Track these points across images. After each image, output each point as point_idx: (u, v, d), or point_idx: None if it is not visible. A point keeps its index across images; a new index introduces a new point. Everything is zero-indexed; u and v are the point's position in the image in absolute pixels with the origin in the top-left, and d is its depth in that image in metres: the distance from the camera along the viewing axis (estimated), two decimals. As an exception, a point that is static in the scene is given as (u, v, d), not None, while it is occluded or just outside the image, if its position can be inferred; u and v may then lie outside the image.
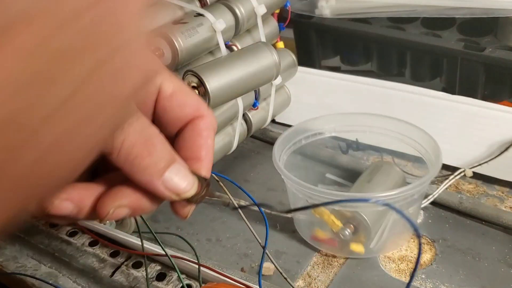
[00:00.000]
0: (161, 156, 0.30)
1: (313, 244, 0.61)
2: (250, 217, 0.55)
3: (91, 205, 0.30)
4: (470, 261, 0.59)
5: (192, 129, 0.32)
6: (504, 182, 0.68)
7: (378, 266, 0.59)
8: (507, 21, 0.77)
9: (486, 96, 0.76)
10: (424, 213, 0.65)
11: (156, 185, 0.29)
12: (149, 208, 0.31)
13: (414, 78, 0.83)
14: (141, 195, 0.30)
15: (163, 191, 0.30)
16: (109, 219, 0.30)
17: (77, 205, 0.30)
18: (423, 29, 0.83)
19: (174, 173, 0.30)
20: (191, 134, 0.32)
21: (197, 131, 0.32)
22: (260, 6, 0.67)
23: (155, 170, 0.29)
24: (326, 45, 0.90)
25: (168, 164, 0.30)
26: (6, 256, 0.60)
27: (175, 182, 0.30)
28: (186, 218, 0.32)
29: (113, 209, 0.30)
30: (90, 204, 0.30)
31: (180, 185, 0.30)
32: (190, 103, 0.32)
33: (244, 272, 0.58)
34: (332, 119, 0.67)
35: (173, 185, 0.30)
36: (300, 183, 0.57)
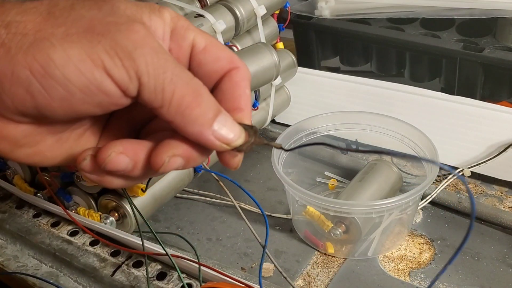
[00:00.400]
0: (209, 106, 0.30)
1: (308, 243, 0.62)
2: (250, 217, 0.56)
3: (145, 159, 0.31)
4: (469, 261, 0.59)
5: (229, 80, 0.32)
6: (503, 182, 0.68)
7: (377, 265, 0.59)
8: (506, 21, 0.77)
9: (485, 97, 0.77)
10: (423, 212, 0.66)
11: (207, 135, 0.30)
12: (200, 159, 0.31)
13: (413, 78, 0.84)
14: (192, 146, 0.31)
15: (213, 141, 0.30)
16: (164, 171, 0.30)
17: (132, 158, 0.30)
18: (422, 29, 0.83)
19: (222, 123, 0.30)
20: (228, 85, 0.32)
21: (234, 82, 0.32)
22: (260, 7, 0.67)
23: (205, 120, 0.29)
24: (325, 45, 0.90)
25: (216, 114, 0.30)
26: (7, 255, 0.60)
27: (225, 131, 0.30)
28: (236, 167, 0.33)
29: (168, 158, 0.30)
30: (144, 157, 0.31)
31: (229, 134, 0.30)
32: (223, 55, 0.33)
33: (244, 271, 0.58)
34: (332, 118, 0.68)
35: (222, 134, 0.30)
36: (295, 187, 0.57)
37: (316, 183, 0.72)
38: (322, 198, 0.57)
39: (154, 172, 0.31)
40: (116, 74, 0.28)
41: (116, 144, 0.30)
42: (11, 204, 0.66)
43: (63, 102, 0.28)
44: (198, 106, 0.29)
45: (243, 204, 0.66)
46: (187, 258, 0.52)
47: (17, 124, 0.29)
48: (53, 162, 0.32)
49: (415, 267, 0.58)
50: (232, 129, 0.31)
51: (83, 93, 0.28)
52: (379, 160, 0.68)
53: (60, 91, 0.27)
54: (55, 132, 0.31)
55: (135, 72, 0.28)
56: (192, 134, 0.30)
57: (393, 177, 0.65)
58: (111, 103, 0.29)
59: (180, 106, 0.29)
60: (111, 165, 0.30)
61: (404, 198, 0.55)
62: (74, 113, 0.29)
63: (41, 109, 0.28)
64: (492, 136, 0.68)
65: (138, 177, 0.32)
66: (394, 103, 0.74)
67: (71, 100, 0.28)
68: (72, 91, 0.27)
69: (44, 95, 0.27)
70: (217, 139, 0.30)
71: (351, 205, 0.57)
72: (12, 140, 0.30)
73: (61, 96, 0.28)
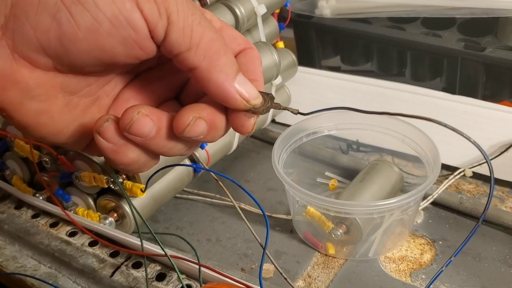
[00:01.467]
0: (234, 61, 0.31)
1: (308, 243, 0.61)
2: (250, 217, 0.55)
3: (168, 125, 0.31)
4: (470, 261, 0.59)
5: (244, 56, 0.33)
6: (505, 182, 0.68)
7: (378, 266, 0.59)
8: (507, 21, 0.77)
9: (487, 96, 0.76)
10: (424, 213, 0.65)
11: (231, 86, 0.30)
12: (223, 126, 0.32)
13: (414, 78, 0.83)
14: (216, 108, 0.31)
15: (235, 95, 0.30)
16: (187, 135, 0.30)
17: (156, 123, 0.30)
18: (423, 29, 0.82)
19: (243, 80, 0.31)
20: (244, 60, 0.33)
21: (249, 58, 0.33)
22: (260, 6, 0.67)
23: (230, 71, 0.30)
24: (326, 45, 0.90)
25: (237, 71, 0.31)
26: (6, 256, 0.59)
27: (245, 88, 0.31)
28: (250, 132, 0.33)
29: (194, 119, 0.30)
30: (167, 124, 0.31)
31: (250, 92, 0.31)
32: (239, 36, 0.34)
33: (244, 272, 0.58)
34: (333, 118, 0.67)
35: (244, 89, 0.31)
36: (296, 187, 0.57)
37: (316, 183, 0.71)
38: (322, 198, 0.57)
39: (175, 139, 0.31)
40: (147, 8, 0.27)
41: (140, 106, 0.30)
42: (10, 205, 0.66)
43: (89, 33, 0.27)
44: (226, 54, 0.30)
45: (243, 205, 0.65)
46: (187, 259, 0.52)
47: (33, 69, 0.28)
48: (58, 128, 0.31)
49: (416, 268, 0.58)
50: (251, 88, 0.31)
51: (111, 24, 0.27)
52: (380, 161, 0.68)
53: (89, 19, 0.27)
54: (68, 90, 0.31)
55: (165, 9, 0.28)
56: (216, 83, 0.30)
57: (394, 178, 0.65)
58: (136, 42, 0.28)
59: (209, 50, 0.29)
60: (136, 127, 0.29)
61: (405, 198, 0.54)
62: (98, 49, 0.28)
63: (64, 42, 0.27)
64: (494, 136, 0.68)
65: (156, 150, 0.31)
66: (395, 103, 0.74)
67: (98, 30, 0.27)
68: (101, 19, 0.27)
69: (71, 22, 0.27)
70: (238, 93, 0.30)
71: (352, 206, 0.57)
72: (25, 87, 0.29)
73: (89, 25, 0.27)
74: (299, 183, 0.58)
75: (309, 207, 0.59)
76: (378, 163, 0.66)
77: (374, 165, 0.66)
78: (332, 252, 0.60)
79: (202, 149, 0.65)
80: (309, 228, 0.62)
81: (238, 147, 0.72)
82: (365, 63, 0.89)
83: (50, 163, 0.61)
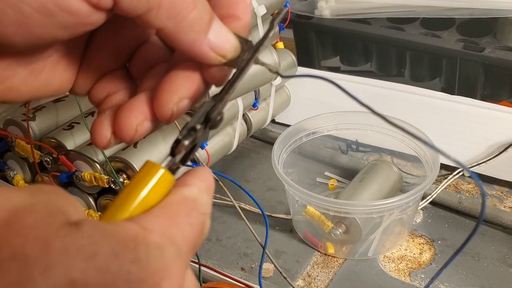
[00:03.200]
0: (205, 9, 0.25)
1: (308, 243, 0.62)
2: (250, 217, 0.56)
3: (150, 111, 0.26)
4: (470, 261, 0.59)
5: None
6: (503, 182, 0.68)
7: (377, 265, 0.59)
8: (506, 21, 0.77)
9: (485, 96, 0.77)
10: (423, 213, 0.66)
11: (202, 44, 0.25)
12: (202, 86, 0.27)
13: (413, 78, 0.83)
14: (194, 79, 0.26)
15: (208, 53, 0.25)
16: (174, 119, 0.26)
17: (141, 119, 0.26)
18: (422, 29, 0.83)
19: (217, 31, 0.26)
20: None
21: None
22: (260, 6, 0.67)
23: (201, 27, 0.25)
24: (325, 45, 0.90)
25: (211, 20, 0.25)
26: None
27: (220, 40, 0.26)
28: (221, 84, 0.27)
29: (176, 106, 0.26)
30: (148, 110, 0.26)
31: (225, 44, 0.26)
32: None
33: (244, 272, 0.58)
34: (332, 118, 0.68)
35: (218, 44, 0.26)
36: (296, 187, 0.57)
37: (316, 183, 0.71)
38: (322, 198, 0.57)
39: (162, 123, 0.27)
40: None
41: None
42: (11, 204, 0.66)
43: (19, 28, 0.23)
44: (194, 7, 0.25)
45: (243, 204, 0.66)
46: (187, 259, 0.52)
47: None
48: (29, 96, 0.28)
49: (415, 267, 0.58)
50: (227, 39, 0.26)
51: (40, 14, 0.23)
52: (379, 160, 0.68)
53: (12, 15, 0.23)
54: (25, 63, 0.27)
55: None
56: (185, 44, 0.25)
57: (393, 177, 0.65)
58: (78, 23, 0.24)
59: (173, 8, 0.24)
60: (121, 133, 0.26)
61: (405, 198, 0.55)
62: (36, 39, 0.24)
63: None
64: (493, 136, 0.68)
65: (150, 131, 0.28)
66: (394, 103, 0.74)
67: (28, 24, 0.23)
68: (27, 13, 0.23)
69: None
70: (212, 50, 0.26)
71: (351, 205, 0.57)
72: None
73: (15, 21, 0.23)
74: (299, 183, 0.59)
75: (309, 206, 0.59)
76: (378, 163, 0.67)
77: (374, 165, 0.66)
78: (331, 251, 0.60)
79: (202, 149, 0.65)
80: (308, 228, 0.62)
81: (238, 147, 0.72)
82: (365, 63, 0.89)
83: (51, 163, 0.61)
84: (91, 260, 0.20)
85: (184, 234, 0.23)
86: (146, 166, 0.25)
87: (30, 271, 0.18)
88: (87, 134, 0.59)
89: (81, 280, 0.19)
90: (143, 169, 0.24)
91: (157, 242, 0.22)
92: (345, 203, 0.58)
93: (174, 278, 0.22)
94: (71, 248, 0.19)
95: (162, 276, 0.22)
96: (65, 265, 0.19)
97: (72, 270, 0.19)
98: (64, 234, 0.20)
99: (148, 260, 0.21)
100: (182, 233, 0.23)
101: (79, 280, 0.19)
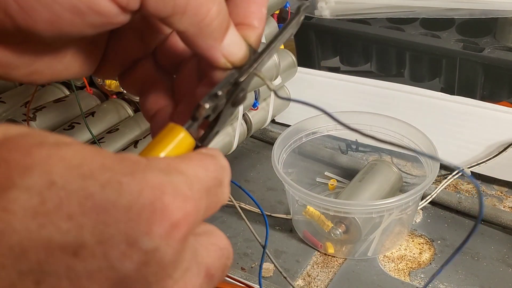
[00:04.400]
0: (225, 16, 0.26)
1: (307, 243, 0.62)
2: (250, 217, 0.56)
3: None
4: (469, 261, 0.59)
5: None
6: (503, 182, 0.68)
7: (377, 265, 0.59)
8: (506, 21, 0.77)
9: (485, 97, 0.77)
10: (423, 212, 0.66)
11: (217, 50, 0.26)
12: None
13: (413, 78, 0.84)
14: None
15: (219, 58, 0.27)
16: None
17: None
18: (422, 29, 0.83)
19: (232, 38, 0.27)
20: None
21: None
22: (260, 7, 0.67)
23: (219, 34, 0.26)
24: (325, 45, 0.90)
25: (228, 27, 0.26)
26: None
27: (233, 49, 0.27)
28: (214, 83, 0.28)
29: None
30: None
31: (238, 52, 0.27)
32: None
33: (244, 271, 0.58)
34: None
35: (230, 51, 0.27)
36: (295, 187, 0.57)
37: (316, 183, 0.72)
38: (322, 198, 0.57)
39: None
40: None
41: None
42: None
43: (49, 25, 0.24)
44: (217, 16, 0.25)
45: (243, 204, 0.66)
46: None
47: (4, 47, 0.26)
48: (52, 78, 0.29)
49: (415, 267, 0.58)
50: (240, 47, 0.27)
51: (72, 14, 0.23)
52: (379, 160, 0.68)
53: (43, 13, 0.23)
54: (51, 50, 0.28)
55: None
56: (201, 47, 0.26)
57: (393, 177, 0.65)
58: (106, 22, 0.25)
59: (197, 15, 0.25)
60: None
61: (404, 198, 0.55)
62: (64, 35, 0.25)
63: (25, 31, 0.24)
64: (492, 136, 0.68)
65: None
66: (394, 103, 0.74)
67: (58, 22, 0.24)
68: (58, 12, 0.23)
69: (24, 17, 0.23)
70: (224, 56, 0.27)
71: (351, 205, 0.57)
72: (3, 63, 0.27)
73: (46, 19, 0.23)
74: (299, 183, 0.59)
75: (309, 206, 0.59)
76: (377, 163, 0.67)
77: (373, 165, 0.66)
78: (331, 251, 0.60)
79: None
80: (308, 228, 0.62)
81: (238, 147, 0.72)
82: (364, 63, 0.89)
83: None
84: (75, 168, 0.19)
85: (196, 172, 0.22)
86: (167, 127, 0.24)
87: (9, 173, 0.19)
88: (88, 134, 0.59)
89: (62, 182, 0.19)
90: (164, 131, 0.24)
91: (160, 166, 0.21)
92: (345, 203, 0.58)
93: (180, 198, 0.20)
94: (54, 156, 0.19)
95: (164, 190, 0.20)
96: (45, 169, 0.19)
97: (52, 173, 0.19)
98: (50, 146, 0.20)
99: (145, 174, 0.20)
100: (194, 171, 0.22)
101: (59, 182, 0.19)
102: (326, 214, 0.58)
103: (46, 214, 0.18)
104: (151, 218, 0.19)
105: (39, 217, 0.18)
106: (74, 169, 0.19)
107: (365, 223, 0.59)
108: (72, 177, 0.19)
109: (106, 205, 0.19)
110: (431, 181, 0.56)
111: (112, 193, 0.19)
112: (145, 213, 0.19)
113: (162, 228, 0.19)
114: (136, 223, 0.19)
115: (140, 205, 0.19)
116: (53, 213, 0.19)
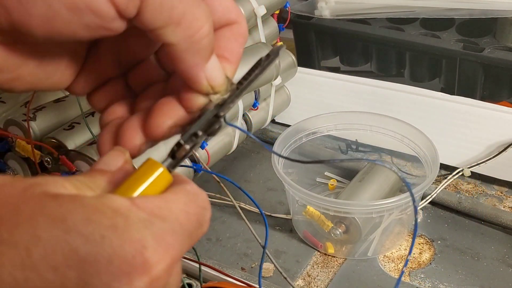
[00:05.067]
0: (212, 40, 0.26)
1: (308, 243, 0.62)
2: (250, 217, 0.56)
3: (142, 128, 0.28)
4: (469, 261, 0.59)
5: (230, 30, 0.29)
6: (503, 182, 0.68)
7: (377, 265, 0.59)
8: (506, 21, 0.77)
9: (485, 97, 0.77)
10: (423, 212, 0.66)
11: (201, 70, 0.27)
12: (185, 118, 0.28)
13: (413, 78, 0.84)
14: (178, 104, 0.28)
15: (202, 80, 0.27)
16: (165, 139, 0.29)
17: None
18: (422, 30, 0.83)
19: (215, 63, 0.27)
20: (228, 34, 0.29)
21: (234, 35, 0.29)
22: (260, 7, 0.67)
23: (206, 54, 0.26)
24: (325, 45, 0.90)
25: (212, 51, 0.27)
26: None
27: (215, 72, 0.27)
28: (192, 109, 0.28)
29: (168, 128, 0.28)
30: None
31: (219, 77, 0.27)
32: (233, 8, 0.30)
33: (244, 272, 0.58)
34: (332, 118, 0.68)
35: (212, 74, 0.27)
36: (296, 187, 0.57)
37: (316, 183, 0.72)
38: (322, 198, 0.57)
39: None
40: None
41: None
42: (11, 204, 0.66)
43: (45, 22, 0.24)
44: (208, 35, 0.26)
45: (243, 204, 0.66)
46: (187, 258, 0.52)
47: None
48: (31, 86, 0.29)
49: (415, 267, 0.59)
50: (221, 73, 0.28)
51: (69, 12, 0.24)
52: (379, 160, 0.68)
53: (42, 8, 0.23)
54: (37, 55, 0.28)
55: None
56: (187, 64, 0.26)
57: (393, 177, 0.65)
58: (101, 26, 0.25)
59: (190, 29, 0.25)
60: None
61: (404, 198, 0.55)
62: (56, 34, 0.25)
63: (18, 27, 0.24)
64: (492, 136, 0.68)
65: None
66: (394, 103, 0.74)
67: (55, 19, 0.24)
68: (56, 8, 0.23)
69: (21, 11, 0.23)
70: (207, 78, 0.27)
71: (351, 205, 0.57)
72: None
73: (42, 14, 0.23)
74: (299, 183, 0.59)
75: (309, 206, 0.59)
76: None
77: (373, 165, 0.66)
78: (331, 251, 0.60)
79: (203, 149, 0.65)
80: (308, 228, 0.62)
81: (238, 147, 0.72)
82: (364, 63, 0.89)
83: (51, 163, 0.61)
84: (59, 222, 0.21)
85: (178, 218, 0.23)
86: (147, 163, 0.25)
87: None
88: (88, 134, 0.59)
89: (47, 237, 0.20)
90: (144, 166, 0.25)
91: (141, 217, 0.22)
92: (345, 203, 0.58)
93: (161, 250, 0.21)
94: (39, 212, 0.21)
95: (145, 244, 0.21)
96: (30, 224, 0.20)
97: (38, 228, 0.20)
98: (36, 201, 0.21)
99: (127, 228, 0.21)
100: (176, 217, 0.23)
101: (44, 237, 0.20)
102: (326, 214, 0.58)
103: (33, 266, 0.20)
104: (132, 272, 0.21)
105: (26, 269, 0.20)
106: (58, 223, 0.21)
107: (365, 223, 0.59)
108: (57, 231, 0.20)
109: (89, 258, 0.20)
110: (431, 181, 0.56)
111: (95, 246, 0.20)
112: (126, 267, 0.21)
113: (143, 282, 0.21)
114: (117, 276, 0.21)
115: (122, 259, 0.21)
116: (39, 265, 0.20)
